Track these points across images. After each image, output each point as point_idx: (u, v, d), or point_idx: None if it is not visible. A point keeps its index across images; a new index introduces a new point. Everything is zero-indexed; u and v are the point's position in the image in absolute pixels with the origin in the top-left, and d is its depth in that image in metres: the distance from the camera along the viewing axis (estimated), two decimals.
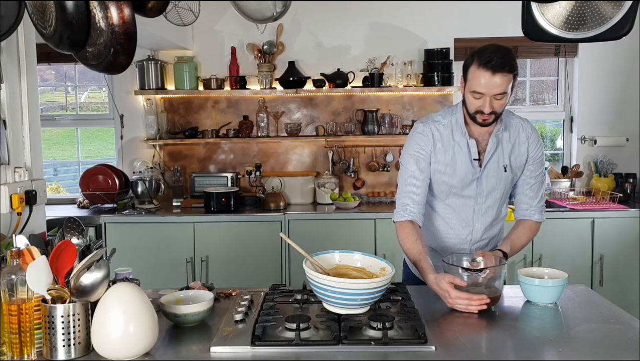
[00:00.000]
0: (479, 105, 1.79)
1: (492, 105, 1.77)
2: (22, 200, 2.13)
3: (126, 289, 1.32)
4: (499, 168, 1.92)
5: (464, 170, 1.90)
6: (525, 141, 1.95)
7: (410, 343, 1.37)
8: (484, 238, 2.01)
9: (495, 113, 1.80)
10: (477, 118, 1.82)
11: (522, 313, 1.64)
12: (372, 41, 4.09)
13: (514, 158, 1.94)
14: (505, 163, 1.92)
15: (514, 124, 1.96)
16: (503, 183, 1.94)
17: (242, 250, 3.61)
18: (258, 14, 3.19)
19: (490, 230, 2.02)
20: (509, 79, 1.76)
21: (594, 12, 1.86)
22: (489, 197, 1.95)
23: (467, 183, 1.92)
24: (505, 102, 1.80)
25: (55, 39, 1.54)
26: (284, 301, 1.67)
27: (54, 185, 4.59)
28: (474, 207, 1.96)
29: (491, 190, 1.94)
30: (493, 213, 1.99)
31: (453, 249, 1.98)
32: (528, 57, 4.24)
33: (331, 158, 4.09)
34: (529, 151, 1.95)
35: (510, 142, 1.93)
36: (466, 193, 1.94)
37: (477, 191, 1.94)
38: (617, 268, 3.60)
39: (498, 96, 1.76)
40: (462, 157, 1.90)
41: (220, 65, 4.09)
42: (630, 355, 1.32)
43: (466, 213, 1.96)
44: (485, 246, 2.02)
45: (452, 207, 1.97)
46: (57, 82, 4.69)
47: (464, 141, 1.90)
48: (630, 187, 3.93)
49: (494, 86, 1.74)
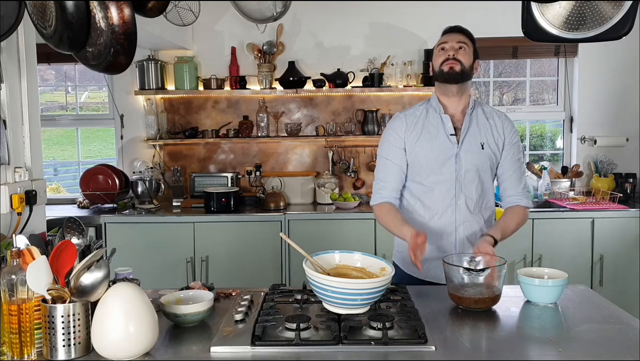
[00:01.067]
0: (444, 55, 1.96)
1: (455, 52, 1.95)
2: (22, 200, 2.13)
3: (126, 289, 1.32)
4: (477, 145, 1.99)
5: (440, 145, 1.98)
6: (500, 124, 2.05)
7: (410, 343, 1.37)
8: (469, 227, 1.99)
9: (460, 62, 1.94)
10: (443, 69, 1.96)
11: (522, 313, 1.64)
12: (372, 41, 4.09)
13: (490, 138, 2.01)
14: (483, 141, 2.00)
15: (487, 109, 2.08)
16: (482, 161, 1.99)
17: (242, 250, 3.61)
18: (258, 14, 3.19)
19: (477, 217, 2.01)
20: (467, 40, 1.99)
21: (594, 12, 1.86)
22: (468, 174, 1.98)
23: (445, 159, 1.97)
24: (468, 58, 1.96)
25: (55, 39, 1.54)
26: (284, 301, 1.67)
27: (54, 185, 4.59)
28: (455, 185, 1.98)
29: (470, 166, 1.98)
30: (475, 194, 1.99)
31: (440, 237, 1.99)
32: (528, 57, 4.24)
33: (331, 158, 4.09)
34: (505, 135, 2.04)
35: (487, 122, 2.03)
36: (446, 170, 1.97)
37: (456, 167, 1.97)
38: (617, 268, 3.60)
39: (459, 44, 1.96)
40: (437, 133, 1.99)
41: (220, 65, 4.09)
42: (630, 355, 1.32)
43: (448, 190, 1.98)
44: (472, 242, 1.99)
45: (434, 189, 1.99)
46: (57, 82, 4.69)
47: (438, 118, 2.00)
48: (630, 187, 3.93)
49: (455, 38, 1.98)
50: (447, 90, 2.00)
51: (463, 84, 1.99)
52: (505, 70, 4.55)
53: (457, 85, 1.98)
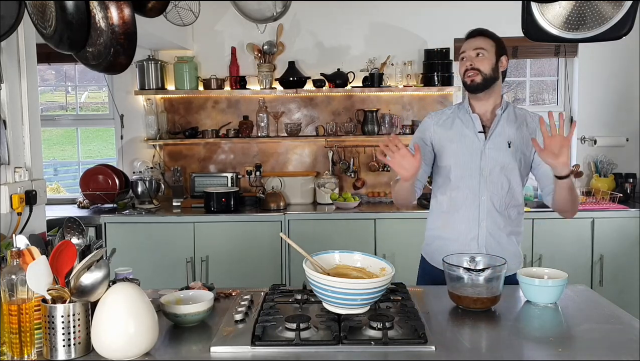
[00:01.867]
0: (464, 65, 2.00)
1: (472, 60, 1.98)
2: (22, 200, 2.13)
3: (126, 289, 1.32)
4: (503, 143, 2.01)
5: (467, 140, 2.03)
6: (533, 124, 2.05)
7: (410, 343, 1.37)
8: (493, 224, 2.01)
9: (478, 71, 1.97)
10: (466, 81, 2.01)
11: (522, 313, 1.64)
12: (372, 41, 4.09)
13: (520, 137, 2.02)
14: (510, 140, 2.01)
15: (519, 111, 2.10)
16: (508, 159, 2.00)
17: (242, 250, 3.61)
18: (258, 14, 3.19)
19: (502, 215, 2.01)
20: (487, 41, 2.00)
21: (594, 12, 1.86)
22: (493, 171, 2.00)
23: (471, 155, 2.02)
24: (488, 63, 1.98)
25: (55, 39, 1.54)
26: (284, 301, 1.67)
27: (54, 185, 4.59)
28: (479, 181, 2.01)
29: (495, 164, 2.00)
30: (501, 191, 2.00)
31: (463, 231, 2.03)
32: (528, 57, 4.24)
33: (331, 158, 4.09)
34: (537, 135, 2.00)
35: (516, 122, 2.04)
36: (471, 165, 2.02)
37: (481, 164, 2.01)
38: (617, 268, 3.60)
39: (476, 51, 1.99)
40: (466, 131, 2.04)
41: (220, 65, 4.09)
42: (630, 355, 1.32)
43: (473, 186, 2.01)
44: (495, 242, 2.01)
45: (459, 183, 2.03)
46: (57, 82, 4.69)
47: (467, 117, 2.05)
48: (630, 187, 3.93)
49: (472, 44, 2.01)
50: (474, 95, 2.05)
51: (490, 88, 2.01)
52: None
53: (483, 92, 2.02)
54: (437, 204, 2.12)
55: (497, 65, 2.00)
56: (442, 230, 2.09)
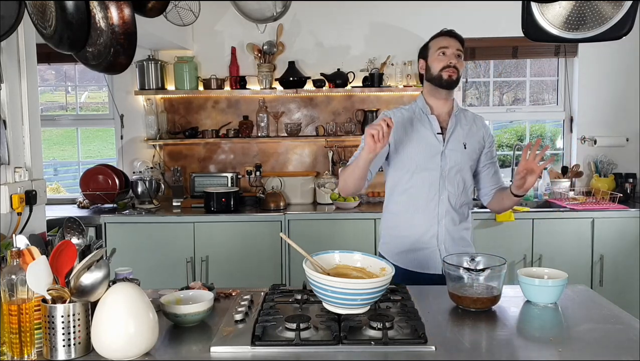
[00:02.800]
0: (445, 61, 2.03)
1: (454, 59, 2.03)
2: (22, 200, 2.13)
3: (126, 289, 1.32)
4: (460, 145, 2.09)
5: (427, 143, 2.07)
6: (481, 127, 2.18)
7: (410, 343, 1.37)
8: (450, 221, 2.09)
9: (457, 70, 2.04)
10: (443, 76, 2.04)
11: (522, 313, 1.64)
12: (372, 41, 4.09)
13: (471, 139, 2.12)
14: (465, 141, 2.11)
15: (469, 114, 2.20)
16: (464, 159, 2.10)
17: (242, 250, 3.61)
18: (258, 14, 3.19)
19: (457, 212, 2.11)
20: (461, 47, 2.08)
21: (594, 12, 1.86)
22: (452, 171, 2.08)
23: (432, 156, 2.06)
24: (462, 66, 2.06)
25: (55, 39, 1.54)
26: (284, 301, 1.67)
27: (54, 185, 4.59)
28: (439, 181, 2.07)
29: (454, 164, 2.08)
30: (457, 190, 2.09)
31: (423, 229, 2.09)
32: (528, 57, 4.24)
33: (331, 158, 4.09)
34: (484, 137, 2.17)
35: (467, 124, 2.14)
36: (431, 166, 2.07)
37: (441, 164, 2.07)
38: (617, 268, 3.60)
39: (457, 52, 2.05)
40: (425, 132, 2.08)
41: (220, 65, 4.09)
42: (630, 355, 1.32)
43: (433, 185, 2.07)
44: (452, 238, 2.11)
45: (419, 183, 2.08)
46: (57, 82, 4.69)
47: (425, 118, 2.10)
48: (630, 187, 3.93)
49: (454, 43, 2.06)
50: (438, 93, 2.11)
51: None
52: (505, 70, 4.55)
53: (450, 90, 2.10)
54: (395, 204, 2.15)
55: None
56: (402, 228, 2.13)
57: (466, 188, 2.13)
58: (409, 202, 2.10)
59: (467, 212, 2.18)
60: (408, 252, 2.11)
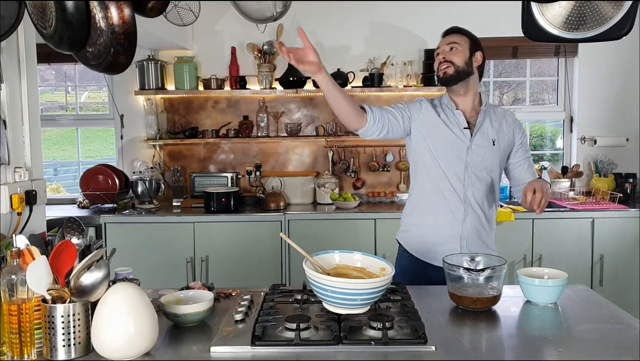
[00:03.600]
0: (438, 60, 2.07)
1: (446, 54, 2.04)
2: (22, 200, 2.13)
3: (126, 289, 1.32)
4: (488, 140, 2.06)
5: (453, 137, 2.04)
6: (512, 124, 2.13)
7: (410, 343, 1.37)
8: (476, 219, 2.05)
9: (451, 63, 2.02)
10: (439, 75, 2.07)
11: (522, 313, 1.64)
12: (372, 41, 4.09)
13: (501, 136, 2.08)
14: (494, 138, 2.07)
15: (499, 110, 2.17)
16: (492, 156, 2.06)
17: (242, 250, 3.61)
18: (258, 14, 3.19)
19: (483, 210, 2.07)
20: (461, 37, 2.06)
21: (594, 12, 1.86)
22: (478, 167, 2.04)
23: (457, 150, 2.04)
24: (461, 56, 2.03)
25: (55, 39, 1.54)
26: (284, 301, 1.67)
27: (54, 185, 4.59)
28: (464, 177, 2.04)
29: (480, 160, 2.04)
30: (483, 187, 2.06)
31: (448, 225, 2.05)
32: (528, 57, 4.24)
33: (331, 158, 4.09)
34: (514, 134, 2.12)
35: (497, 121, 2.10)
36: (457, 161, 2.04)
37: (467, 159, 2.04)
38: (617, 268, 3.60)
39: (450, 45, 2.05)
40: (451, 127, 2.06)
41: (220, 65, 4.09)
42: (630, 355, 1.32)
43: (459, 182, 2.04)
44: (476, 237, 2.07)
45: (445, 179, 2.04)
46: (57, 82, 4.69)
47: (450, 113, 2.08)
48: (630, 187, 3.93)
49: (446, 39, 2.08)
50: (452, 90, 2.09)
51: (464, 81, 2.05)
52: (505, 70, 4.55)
53: (457, 84, 2.06)
54: (422, 197, 2.11)
55: (470, 60, 2.05)
56: (423, 221, 2.10)
57: (493, 185, 2.08)
58: (435, 197, 2.06)
59: (493, 210, 2.12)
60: (427, 244, 2.07)
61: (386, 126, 2.00)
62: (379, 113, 2.00)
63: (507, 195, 4.03)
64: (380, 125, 1.99)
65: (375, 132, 1.99)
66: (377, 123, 1.98)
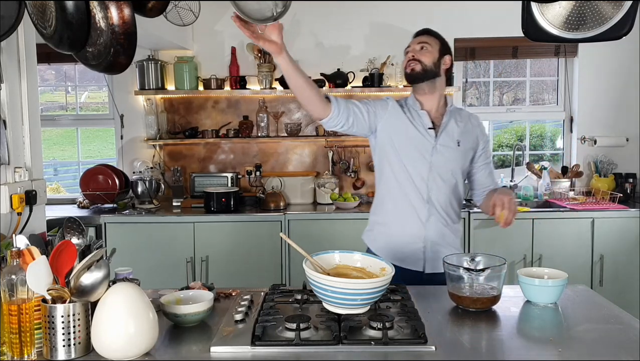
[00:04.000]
0: (407, 58, 2.08)
1: (415, 52, 2.06)
2: (22, 200, 2.13)
3: (126, 289, 1.32)
4: (453, 141, 2.08)
5: (418, 137, 2.06)
6: (476, 126, 2.17)
7: (410, 343, 1.37)
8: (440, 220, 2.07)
9: (419, 61, 2.04)
10: (406, 71, 2.08)
11: (522, 313, 1.64)
12: (372, 41, 4.09)
13: (466, 137, 2.11)
14: (459, 139, 2.09)
15: (464, 112, 2.19)
16: (456, 157, 2.08)
17: (242, 250, 3.61)
18: (258, 14, 3.18)
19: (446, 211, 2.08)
20: (432, 39, 2.09)
21: (594, 12, 1.86)
22: (442, 168, 2.06)
23: (421, 150, 2.05)
24: (430, 56, 2.05)
25: (55, 39, 1.54)
26: (284, 301, 1.67)
27: (54, 185, 4.59)
28: (428, 177, 2.05)
29: (445, 161, 2.06)
30: (447, 188, 2.07)
31: (412, 226, 2.07)
32: (528, 57, 4.24)
33: (331, 158, 4.09)
34: (479, 138, 2.15)
35: (462, 122, 2.13)
36: (421, 162, 2.05)
37: (432, 160, 2.05)
38: (617, 268, 3.60)
39: (420, 44, 2.07)
40: (416, 126, 2.07)
41: (220, 65, 4.10)
42: (630, 355, 1.32)
43: (423, 183, 2.05)
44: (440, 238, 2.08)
45: (409, 179, 2.05)
46: (57, 82, 4.69)
47: (415, 114, 2.09)
48: (630, 187, 3.93)
49: (417, 39, 2.11)
50: (418, 88, 2.11)
51: (430, 81, 2.08)
52: (505, 70, 4.55)
53: (424, 83, 2.08)
54: (387, 197, 2.12)
55: (439, 62, 2.08)
56: (388, 220, 2.12)
57: (457, 185, 2.10)
58: (399, 197, 2.08)
59: (457, 210, 2.14)
60: (392, 244, 2.08)
61: (351, 117, 2.01)
62: (344, 105, 2.00)
63: None
64: (345, 116, 1.99)
65: (339, 123, 2.00)
66: (342, 114, 1.98)
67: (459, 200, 2.13)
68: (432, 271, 2.06)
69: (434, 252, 2.06)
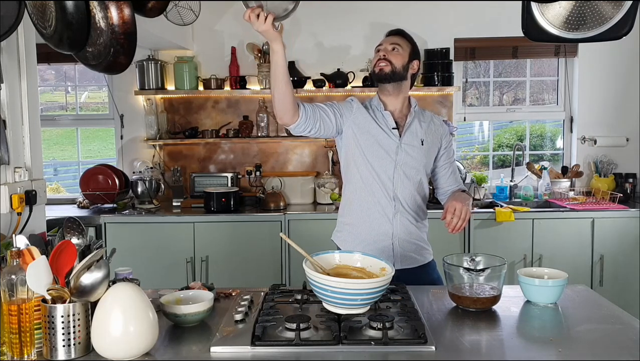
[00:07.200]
0: (377, 56, 2.09)
1: (387, 52, 2.07)
2: (22, 200, 2.13)
3: (126, 289, 1.32)
4: (417, 140, 2.11)
5: (382, 137, 2.08)
6: (439, 125, 2.20)
7: (410, 343, 1.37)
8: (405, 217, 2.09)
9: (390, 62, 2.06)
10: (375, 70, 2.09)
11: (522, 313, 1.64)
12: (372, 41, 4.04)
13: (430, 136, 2.14)
14: (422, 137, 2.12)
15: (427, 113, 2.22)
16: (421, 155, 2.11)
17: (242, 250, 3.61)
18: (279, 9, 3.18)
19: (412, 209, 2.11)
20: (405, 41, 2.11)
21: (594, 12, 1.86)
22: (407, 167, 2.08)
23: (385, 150, 2.07)
24: (401, 59, 2.07)
25: (55, 39, 1.54)
26: (284, 301, 1.67)
27: (54, 185, 4.59)
28: (394, 176, 2.07)
29: (409, 160, 2.09)
30: (412, 187, 2.10)
31: (378, 224, 2.09)
32: (528, 57, 4.24)
33: (331, 158, 4.09)
34: (442, 137, 2.18)
35: (426, 122, 2.16)
36: (386, 161, 2.07)
37: (397, 159, 2.07)
38: (617, 268, 3.60)
39: (393, 45, 2.09)
40: (380, 127, 2.09)
41: (220, 65, 4.09)
42: (630, 355, 1.32)
43: (388, 182, 2.07)
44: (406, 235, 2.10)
45: (375, 178, 2.07)
46: (57, 82, 4.69)
47: (379, 114, 2.11)
48: (630, 187, 3.93)
49: (389, 39, 2.12)
50: (384, 88, 2.13)
51: (397, 83, 2.10)
52: (505, 70, 4.55)
53: (390, 84, 2.09)
54: (352, 197, 2.13)
55: (407, 65, 2.10)
56: (356, 219, 2.13)
57: (422, 184, 2.13)
58: (365, 196, 2.10)
59: (422, 207, 2.17)
60: (360, 242, 2.09)
61: (317, 122, 2.03)
62: (312, 110, 2.02)
63: (507, 195, 4.03)
64: (312, 122, 2.02)
65: (306, 129, 2.02)
66: (309, 120, 2.01)
67: (423, 197, 2.18)
68: (403, 267, 2.07)
69: (402, 248, 2.09)
